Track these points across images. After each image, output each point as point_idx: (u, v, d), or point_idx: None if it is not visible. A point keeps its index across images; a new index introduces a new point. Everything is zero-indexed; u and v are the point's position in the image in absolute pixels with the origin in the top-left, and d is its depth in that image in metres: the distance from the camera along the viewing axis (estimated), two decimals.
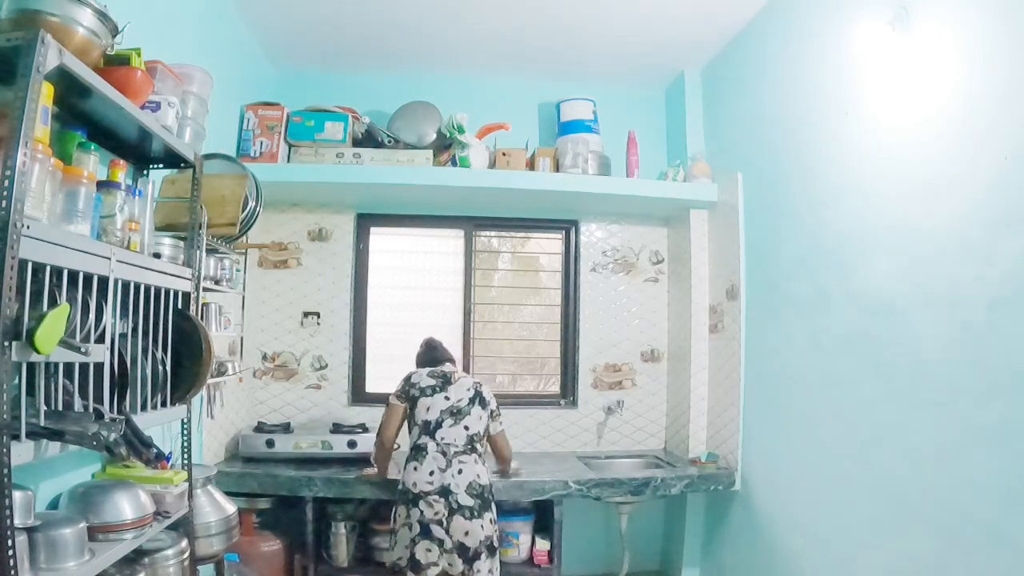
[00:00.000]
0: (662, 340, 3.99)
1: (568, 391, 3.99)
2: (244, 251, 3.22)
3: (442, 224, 4.00)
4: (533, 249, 4.16)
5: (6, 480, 1.20)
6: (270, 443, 3.19)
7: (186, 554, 1.96)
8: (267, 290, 3.79)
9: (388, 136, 3.56)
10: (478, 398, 2.81)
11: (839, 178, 2.53)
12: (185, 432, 2.13)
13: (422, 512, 2.58)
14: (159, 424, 2.06)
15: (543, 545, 3.23)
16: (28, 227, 1.24)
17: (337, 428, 3.39)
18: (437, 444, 2.69)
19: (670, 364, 3.95)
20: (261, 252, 3.75)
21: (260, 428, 3.35)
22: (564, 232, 4.06)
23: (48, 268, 1.34)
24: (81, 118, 1.66)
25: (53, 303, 1.36)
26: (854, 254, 2.42)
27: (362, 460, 3.22)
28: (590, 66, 3.82)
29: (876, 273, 2.29)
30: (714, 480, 3.24)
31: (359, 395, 3.86)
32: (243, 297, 3.30)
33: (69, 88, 1.45)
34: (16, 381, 1.31)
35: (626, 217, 4.01)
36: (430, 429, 2.72)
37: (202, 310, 2.30)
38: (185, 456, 2.13)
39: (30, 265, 1.27)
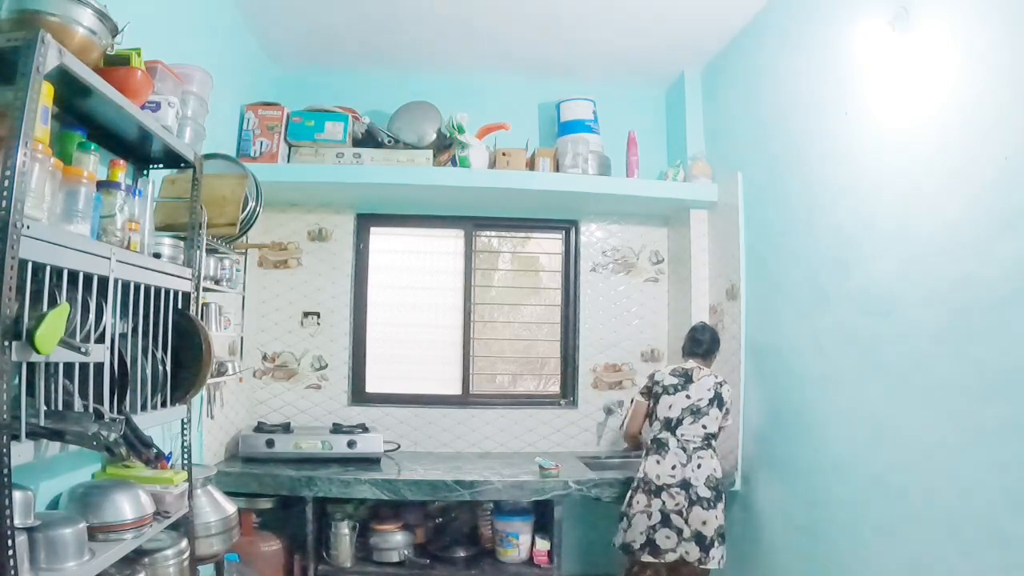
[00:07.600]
0: (662, 340, 3.98)
1: (568, 391, 3.99)
2: (244, 251, 3.22)
3: (442, 224, 4.00)
4: (533, 249, 4.16)
5: (6, 480, 1.20)
6: (270, 443, 3.19)
7: (186, 554, 1.96)
8: (267, 290, 3.79)
9: (388, 136, 3.55)
10: (717, 400, 2.94)
11: (839, 178, 2.53)
12: (185, 432, 2.13)
13: (664, 503, 2.79)
14: (159, 424, 2.06)
15: (543, 545, 3.22)
16: (28, 227, 1.24)
17: (337, 428, 3.40)
18: (678, 440, 2.88)
19: (670, 364, 3.94)
20: (261, 252, 3.74)
21: (260, 428, 3.35)
22: (564, 232, 4.06)
23: (48, 268, 1.34)
24: (81, 118, 1.66)
25: (53, 303, 1.36)
26: (854, 254, 2.41)
27: (362, 460, 3.23)
28: (590, 66, 3.81)
29: (876, 273, 2.28)
30: None
31: (359, 395, 3.85)
32: (243, 297, 3.29)
33: (69, 88, 1.45)
34: (16, 381, 1.31)
35: (626, 217, 4.01)
36: (671, 425, 2.91)
37: (202, 310, 2.30)
38: (185, 456, 2.13)
39: (30, 265, 1.27)
